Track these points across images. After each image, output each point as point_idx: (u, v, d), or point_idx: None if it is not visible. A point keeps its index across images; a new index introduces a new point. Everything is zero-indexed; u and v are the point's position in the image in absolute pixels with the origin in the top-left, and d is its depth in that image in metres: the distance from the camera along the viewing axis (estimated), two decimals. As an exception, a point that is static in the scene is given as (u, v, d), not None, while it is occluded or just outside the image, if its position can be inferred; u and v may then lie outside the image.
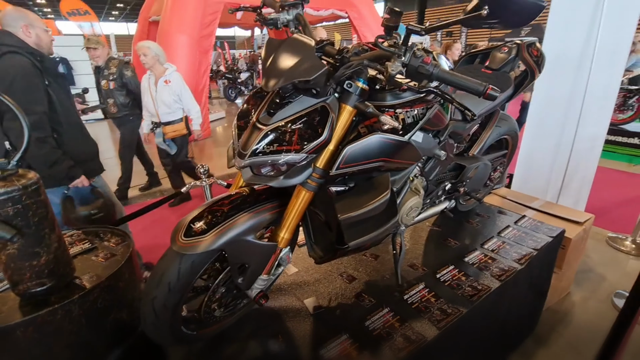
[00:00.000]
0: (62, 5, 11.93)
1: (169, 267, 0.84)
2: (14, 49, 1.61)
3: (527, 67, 1.47)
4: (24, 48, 1.64)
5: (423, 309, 1.28)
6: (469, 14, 0.75)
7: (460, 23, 0.78)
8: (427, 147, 1.10)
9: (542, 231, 1.76)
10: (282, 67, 0.78)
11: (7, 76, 1.55)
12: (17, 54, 1.61)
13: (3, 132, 1.55)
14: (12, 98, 1.27)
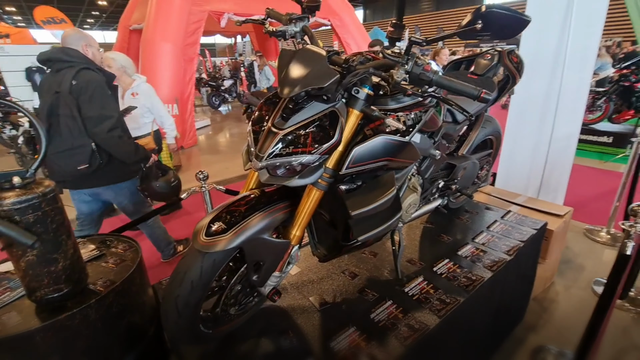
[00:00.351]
0: (36, 14, 11.60)
1: (191, 266, 0.88)
2: (85, 66, 1.87)
3: (508, 73, 1.59)
4: (91, 64, 1.92)
5: (423, 300, 1.35)
6: (464, 27, 0.85)
7: (456, 35, 0.87)
8: (424, 147, 1.19)
9: (527, 224, 1.88)
10: (297, 75, 0.85)
11: (88, 89, 1.82)
12: (90, 70, 1.88)
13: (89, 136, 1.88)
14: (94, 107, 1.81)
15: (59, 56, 1.86)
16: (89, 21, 31.71)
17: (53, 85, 1.82)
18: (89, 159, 1.88)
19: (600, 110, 5.46)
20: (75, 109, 1.80)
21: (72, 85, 1.79)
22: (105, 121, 1.85)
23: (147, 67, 5.79)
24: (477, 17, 0.83)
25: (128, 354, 1.16)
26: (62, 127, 1.83)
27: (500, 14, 0.83)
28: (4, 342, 0.90)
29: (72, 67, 1.84)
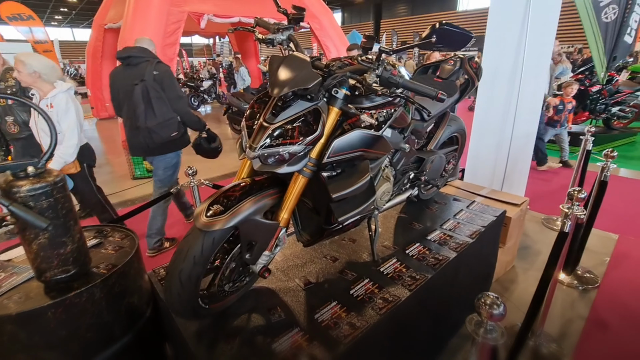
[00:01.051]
0: (1, 10, 11.09)
1: (193, 243, 1.00)
2: (158, 60, 2.51)
3: (468, 77, 1.80)
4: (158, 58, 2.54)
5: (396, 277, 1.53)
6: (423, 40, 1.02)
7: (417, 46, 1.04)
8: (395, 141, 1.36)
9: (489, 212, 2.10)
10: (285, 78, 0.99)
11: (166, 77, 2.43)
12: (162, 63, 2.49)
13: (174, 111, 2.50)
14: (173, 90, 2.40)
15: (137, 54, 2.44)
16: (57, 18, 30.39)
17: (133, 77, 2.38)
18: (178, 128, 2.54)
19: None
20: (162, 92, 2.38)
21: (155, 74, 2.38)
22: (182, 99, 2.51)
23: (125, 66, 5.73)
24: (432, 32, 1.00)
25: (128, 332, 1.27)
26: (154, 106, 2.37)
27: (450, 31, 1.00)
28: (20, 317, 0.99)
29: (149, 62, 2.42)
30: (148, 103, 2.36)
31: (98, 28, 8.43)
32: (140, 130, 2.43)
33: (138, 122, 2.39)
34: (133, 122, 2.43)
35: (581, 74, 5.68)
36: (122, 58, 2.45)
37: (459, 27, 1.00)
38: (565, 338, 1.91)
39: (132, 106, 2.38)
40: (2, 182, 0.98)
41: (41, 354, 1.05)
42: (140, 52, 2.45)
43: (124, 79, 2.41)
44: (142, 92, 2.34)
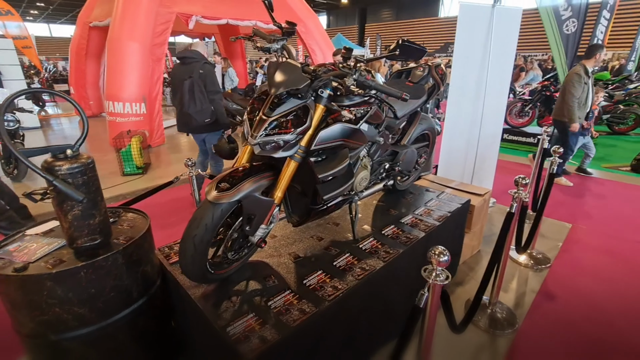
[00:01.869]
0: (-22, 4, 10.82)
1: (205, 213, 1.22)
2: (205, 61, 3.21)
3: (435, 81, 2.08)
4: (207, 60, 3.24)
5: (373, 252, 1.78)
6: (390, 52, 1.27)
7: (385, 57, 1.29)
8: (371, 135, 1.62)
9: (455, 201, 2.40)
10: (280, 80, 1.23)
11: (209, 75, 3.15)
12: (208, 64, 3.20)
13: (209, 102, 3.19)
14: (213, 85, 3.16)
15: (191, 55, 3.17)
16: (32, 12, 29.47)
17: (185, 73, 3.13)
18: (211, 116, 3.23)
19: (528, 115, 6.38)
20: (203, 87, 3.11)
21: (200, 73, 3.10)
22: (218, 94, 3.21)
23: (113, 65, 5.82)
24: (396, 47, 1.26)
25: (143, 296, 1.47)
26: (196, 98, 3.11)
27: (409, 46, 1.26)
28: (59, 275, 1.19)
29: (198, 62, 3.14)
30: (192, 95, 3.11)
31: (83, 26, 8.39)
32: (184, 114, 3.21)
33: (183, 108, 3.16)
34: (180, 108, 3.22)
35: (547, 80, 6.15)
36: (179, 57, 3.26)
37: (415, 44, 1.26)
38: (518, 307, 2.22)
39: (181, 96, 3.15)
40: (44, 162, 1.18)
41: (74, 308, 1.24)
42: (193, 54, 3.18)
43: (179, 74, 3.19)
44: (188, 86, 3.10)
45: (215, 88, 3.17)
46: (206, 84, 3.12)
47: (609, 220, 3.45)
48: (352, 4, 28.31)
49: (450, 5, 25.04)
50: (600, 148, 6.26)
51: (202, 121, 3.21)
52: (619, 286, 2.43)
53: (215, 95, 3.19)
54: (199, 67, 3.11)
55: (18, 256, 1.27)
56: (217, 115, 3.26)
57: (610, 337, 1.99)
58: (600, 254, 2.84)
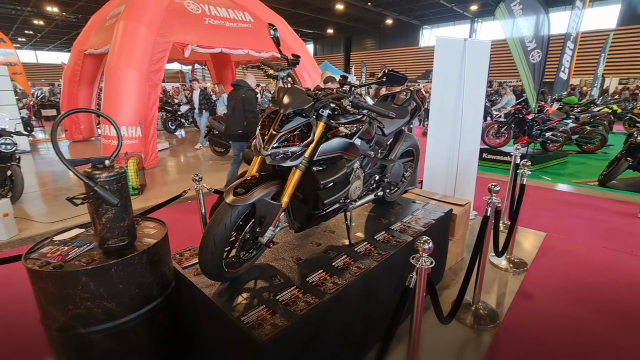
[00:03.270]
0: (-29, 32, 10.98)
1: (225, 214, 1.41)
2: (248, 88, 4.42)
3: (416, 104, 2.38)
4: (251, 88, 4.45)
5: (367, 253, 1.99)
6: (378, 79, 1.55)
7: (375, 84, 1.56)
8: (363, 148, 1.86)
9: (439, 211, 2.64)
10: (288, 102, 1.47)
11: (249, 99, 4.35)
12: (250, 90, 4.42)
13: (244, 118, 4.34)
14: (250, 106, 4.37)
15: (240, 83, 4.46)
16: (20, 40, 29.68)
17: (235, 96, 4.40)
18: (243, 128, 4.36)
19: (504, 136, 6.85)
20: (242, 107, 4.30)
21: (243, 97, 4.33)
22: (252, 113, 4.30)
23: (110, 90, 6.02)
24: (383, 75, 1.53)
25: (160, 295, 1.62)
26: (236, 114, 4.35)
27: (394, 75, 1.54)
28: (93, 271, 1.34)
29: (243, 88, 4.40)
30: (233, 112, 4.39)
31: (77, 53, 8.64)
32: (227, 126, 4.60)
33: (227, 121, 4.55)
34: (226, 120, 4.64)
35: (519, 104, 6.68)
36: (233, 85, 4.51)
37: (399, 73, 1.54)
38: (499, 306, 2.42)
39: (229, 112, 4.50)
40: (84, 171, 1.36)
41: (103, 302, 1.39)
42: (242, 83, 4.45)
43: (231, 97, 4.47)
44: (233, 105, 4.39)
45: (251, 109, 4.33)
46: (245, 105, 4.30)
47: (579, 228, 3.76)
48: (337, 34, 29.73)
49: (430, 35, 26.65)
50: (571, 165, 6.74)
51: (235, 131, 4.42)
52: (590, 285, 2.67)
53: (249, 114, 4.32)
54: (242, 93, 4.35)
55: (53, 257, 1.42)
56: (247, 129, 4.35)
57: (583, 331, 2.20)
58: (572, 258, 3.10)
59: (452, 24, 24.77)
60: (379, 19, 23.77)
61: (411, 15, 23.29)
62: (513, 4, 5.40)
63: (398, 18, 23.42)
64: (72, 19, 21.97)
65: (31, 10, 20.27)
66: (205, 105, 8.22)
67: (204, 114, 8.27)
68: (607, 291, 2.61)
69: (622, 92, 15.87)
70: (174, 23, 6.67)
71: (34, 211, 4.38)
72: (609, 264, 3.01)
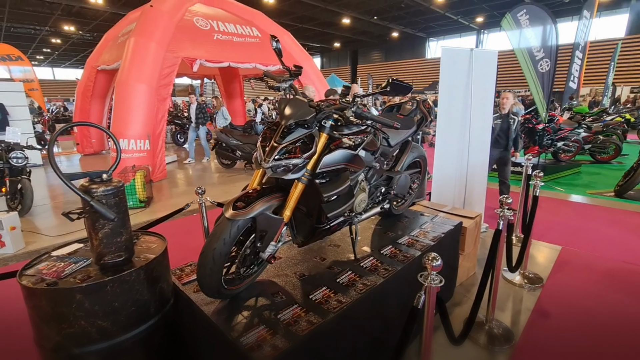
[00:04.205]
0: (-8, 51, 11.45)
1: (224, 229, 1.36)
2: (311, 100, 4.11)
3: (422, 114, 2.33)
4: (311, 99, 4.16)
5: (373, 269, 1.91)
6: (382, 89, 1.51)
7: (379, 94, 1.52)
8: (368, 160, 1.81)
9: (448, 224, 2.55)
10: (290, 113, 1.43)
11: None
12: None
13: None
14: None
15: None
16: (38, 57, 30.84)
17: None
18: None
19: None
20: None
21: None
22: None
23: (120, 104, 6.13)
24: (387, 84, 1.49)
25: (159, 312, 1.56)
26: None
27: (398, 84, 1.49)
28: (88, 288, 1.30)
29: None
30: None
31: (90, 69, 8.88)
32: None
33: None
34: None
35: (528, 114, 6.57)
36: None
37: (404, 82, 1.50)
38: (514, 324, 2.30)
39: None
40: (81, 185, 1.34)
41: (98, 321, 1.33)
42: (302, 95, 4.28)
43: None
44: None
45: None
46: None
47: (596, 242, 3.60)
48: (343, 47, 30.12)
49: (436, 47, 26.79)
50: (584, 175, 6.55)
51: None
52: (610, 303, 2.53)
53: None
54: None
55: (48, 273, 1.38)
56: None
57: (604, 352, 2.06)
58: (590, 273, 2.96)
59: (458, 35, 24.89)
60: (385, 32, 24.04)
61: (417, 28, 23.51)
62: (519, 14, 5.37)
63: (404, 31, 23.66)
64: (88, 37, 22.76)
65: (49, 30, 21.11)
66: (202, 119, 8.27)
67: (201, 128, 8.30)
68: (629, 309, 2.46)
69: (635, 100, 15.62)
70: (184, 39, 6.82)
71: (42, 224, 4.41)
72: (630, 279, 2.86)
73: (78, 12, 17.86)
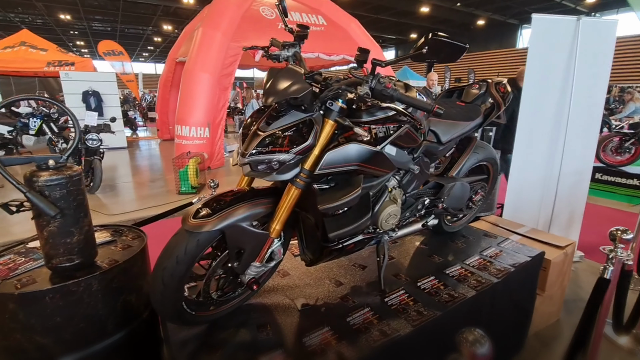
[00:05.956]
0: (99, 47, 13.20)
1: (178, 243, 1.02)
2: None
3: (494, 101, 1.69)
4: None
5: (401, 310, 1.40)
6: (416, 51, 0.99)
7: (409, 58, 1.02)
8: (401, 161, 1.30)
9: (522, 252, 1.87)
10: (277, 87, 1.02)
11: None
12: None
13: None
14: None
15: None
16: (144, 54, 35.35)
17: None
18: None
19: (629, 152, 5.26)
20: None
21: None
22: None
23: (185, 93, 6.37)
24: (424, 43, 0.97)
25: (121, 330, 1.29)
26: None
27: (442, 41, 0.96)
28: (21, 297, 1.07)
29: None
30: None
31: (170, 61, 9.57)
32: None
33: None
34: None
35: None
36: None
37: (450, 37, 0.96)
38: (618, 415, 1.56)
39: None
40: (28, 171, 1.11)
41: (36, 337, 1.11)
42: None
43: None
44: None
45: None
46: None
47: None
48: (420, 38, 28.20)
49: (530, 35, 23.40)
50: None
51: None
52: None
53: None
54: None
55: (2, 269, 1.20)
56: None
57: None
58: None
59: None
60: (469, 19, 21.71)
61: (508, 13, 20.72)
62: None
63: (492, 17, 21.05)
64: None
65: (152, 29, 23.89)
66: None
67: None
68: None
69: None
70: (248, 29, 6.80)
71: (107, 202, 4.74)
72: None
73: (174, 12, 19.74)
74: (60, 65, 9.09)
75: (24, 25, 17.67)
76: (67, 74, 8.53)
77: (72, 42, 26.89)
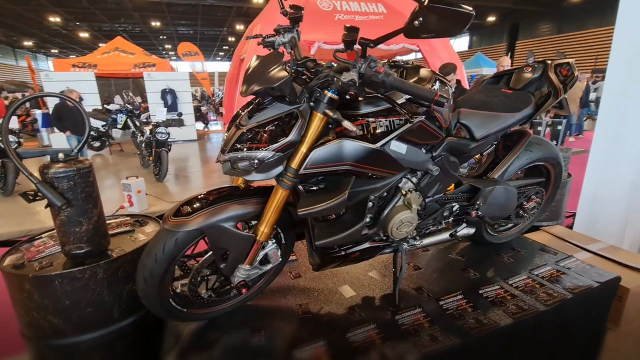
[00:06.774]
0: (179, 48, 14.61)
1: (157, 241, 1.01)
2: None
3: (551, 87, 1.35)
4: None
5: (412, 332, 1.21)
6: (407, 25, 0.80)
7: (401, 33, 0.82)
8: (415, 160, 1.10)
9: (589, 275, 1.51)
10: (254, 78, 0.92)
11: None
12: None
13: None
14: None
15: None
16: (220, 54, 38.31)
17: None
18: None
19: None
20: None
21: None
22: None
23: (242, 89, 6.67)
24: (416, 14, 0.77)
25: (128, 317, 1.35)
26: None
27: (439, 9, 0.75)
28: (35, 280, 1.17)
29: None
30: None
31: (236, 59, 10.10)
32: None
33: None
34: None
35: None
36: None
37: (452, 3, 0.73)
38: None
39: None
40: (42, 164, 1.20)
41: (49, 316, 1.21)
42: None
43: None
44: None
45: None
46: None
47: None
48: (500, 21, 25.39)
49: None
50: None
51: None
52: None
53: None
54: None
55: (30, 252, 1.33)
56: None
57: None
58: None
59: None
60: (561, -5, 18.84)
61: (614, -16, 17.42)
62: None
63: (592, -10, 17.96)
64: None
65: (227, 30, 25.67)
66: None
67: None
68: None
69: None
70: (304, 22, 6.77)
71: (171, 190, 5.20)
72: None
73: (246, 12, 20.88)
74: (144, 67, 10.24)
75: (125, 34, 20.42)
76: (149, 74, 9.59)
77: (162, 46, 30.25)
